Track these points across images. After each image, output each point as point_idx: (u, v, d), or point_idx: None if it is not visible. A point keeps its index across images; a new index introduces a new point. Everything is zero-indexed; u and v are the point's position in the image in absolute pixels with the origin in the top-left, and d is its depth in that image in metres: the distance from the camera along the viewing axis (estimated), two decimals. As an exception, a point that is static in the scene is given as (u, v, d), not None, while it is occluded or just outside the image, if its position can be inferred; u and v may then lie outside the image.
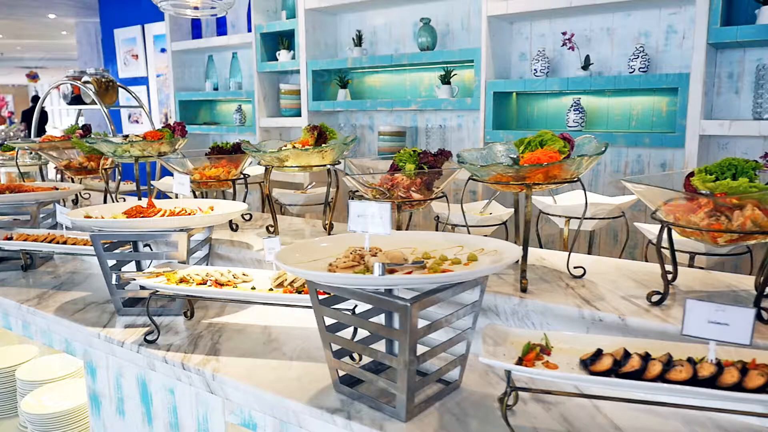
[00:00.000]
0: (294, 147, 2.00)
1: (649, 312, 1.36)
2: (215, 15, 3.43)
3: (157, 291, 1.61)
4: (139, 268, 2.02)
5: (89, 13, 8.04)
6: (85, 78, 3.53)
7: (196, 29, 5.68)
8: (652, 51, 3.53)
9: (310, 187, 3.07)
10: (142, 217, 1.81)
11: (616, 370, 1.06)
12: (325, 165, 1.99)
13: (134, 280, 1.60)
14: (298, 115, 4.86)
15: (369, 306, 1.39)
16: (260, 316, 1.81)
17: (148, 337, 1.63)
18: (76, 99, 3.80)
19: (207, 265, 2.02)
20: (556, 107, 3.91)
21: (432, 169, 1.75)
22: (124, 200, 2.92)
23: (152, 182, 3.04)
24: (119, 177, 2.90)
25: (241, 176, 2.30)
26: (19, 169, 3.02)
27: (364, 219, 1.29)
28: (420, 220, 4.41)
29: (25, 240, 2.16)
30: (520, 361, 1.11)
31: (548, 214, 2.35)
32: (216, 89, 5.57)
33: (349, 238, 1.46)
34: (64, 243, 2.12)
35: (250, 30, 5.09)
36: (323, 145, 2.07)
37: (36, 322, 1.97)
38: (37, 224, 2.36)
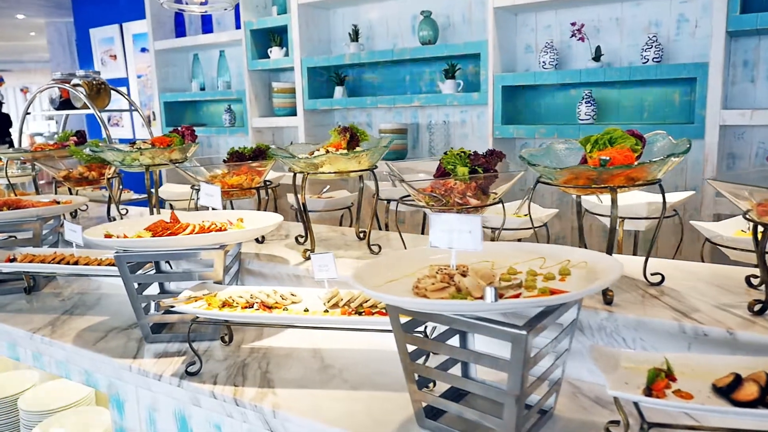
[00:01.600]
0: (328, 151, 1.85)
1: (757, 324, 1.25)
2: (205, 12, 3.25)
3: (198, 317, 1.45)
4: (162, 289, 1.84)
5: (62, 12, 7.68)
6: (75, 81, 3.30)
7: (180, 27, 5.43)
8: (663, 40, 3.44)
9: (325, 191, 2.91)
10: (170, 233, 1.64)
11: (763, 398, 0.95)
12: (364, 170, 1.84)
13: (173, 306, 1.43)
14: (293, 114, 4.68)
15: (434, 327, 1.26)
16: (305, 338, 1.66)
17: (190, 369, 1.46)
18: (64, 103, 3.56)
19: (237, 283, 1.85)
20: (566, 100, 3.80)
21: (488, 173, 1.62)
22: (126, 211, 2.72)
23: (152, 191, 2.85)
24: (120, 186, 2.70)
25: (263, 184, 2.13)
26: (9, 181, 2.79)
27: (449, 234, 1.15)
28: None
29: (31, 261, 1.96)
30: (649, 392, 0.99)
31: (595, 213, 2.24)
32: (203, 89, 5.35)
33: (416, 254, 1.32)
34: (76, 263, 1.93)
35: (238, 27, 4.88)
36: (357, 148, 1.93)
37: (51, 353, 1.78)
38: (39, 242, 2.16)
